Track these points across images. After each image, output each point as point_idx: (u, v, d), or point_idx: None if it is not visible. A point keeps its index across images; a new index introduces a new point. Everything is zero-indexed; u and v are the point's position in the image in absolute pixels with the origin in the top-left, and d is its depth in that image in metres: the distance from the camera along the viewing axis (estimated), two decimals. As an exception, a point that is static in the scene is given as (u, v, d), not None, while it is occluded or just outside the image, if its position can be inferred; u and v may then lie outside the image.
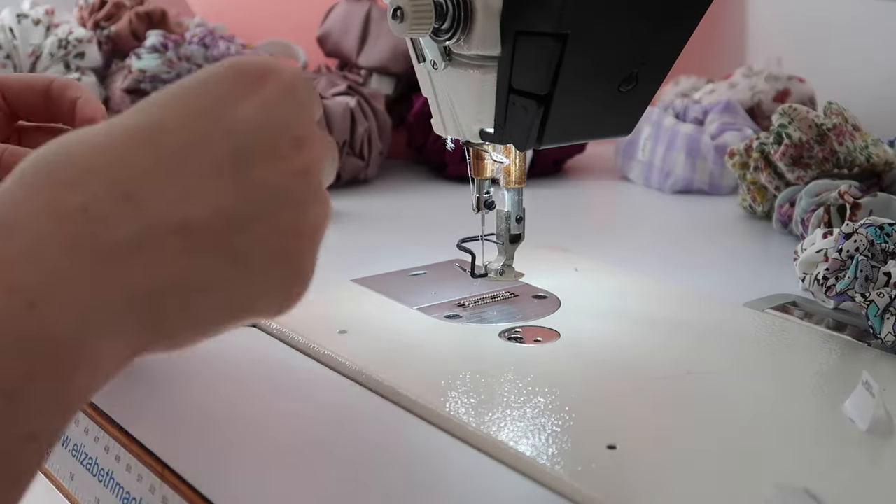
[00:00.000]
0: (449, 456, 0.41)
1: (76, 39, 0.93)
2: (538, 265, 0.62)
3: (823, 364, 0.50)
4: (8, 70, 0.90)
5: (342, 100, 0.90)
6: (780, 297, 0.60)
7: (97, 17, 1.02)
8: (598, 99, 0.50)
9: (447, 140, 0.56)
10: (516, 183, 0.56)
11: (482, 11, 0.48)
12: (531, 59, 0.47)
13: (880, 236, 0.53)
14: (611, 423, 0.42)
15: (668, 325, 0.54)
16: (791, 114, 0.75)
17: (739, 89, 1.02)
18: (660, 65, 0.51)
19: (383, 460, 0.40)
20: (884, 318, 0.50)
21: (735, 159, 0.82)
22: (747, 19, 1.25)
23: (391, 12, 0.49)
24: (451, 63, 0.51)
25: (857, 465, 0.40)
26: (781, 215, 0.76)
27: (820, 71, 1.07)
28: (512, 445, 0.40)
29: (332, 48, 1.06)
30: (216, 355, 0.47)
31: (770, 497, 0.36)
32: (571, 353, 0.50)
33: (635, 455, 0.39)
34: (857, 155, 0.73)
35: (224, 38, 1.01)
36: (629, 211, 0.92)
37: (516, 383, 0.46)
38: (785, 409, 0.44)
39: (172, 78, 0.93)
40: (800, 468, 0.39)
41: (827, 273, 0.55)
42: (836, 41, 1.13)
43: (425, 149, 0.97)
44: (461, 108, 0.52)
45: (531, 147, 0.50)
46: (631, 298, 0.59)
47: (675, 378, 0.47)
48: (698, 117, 0.96)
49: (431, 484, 0.39)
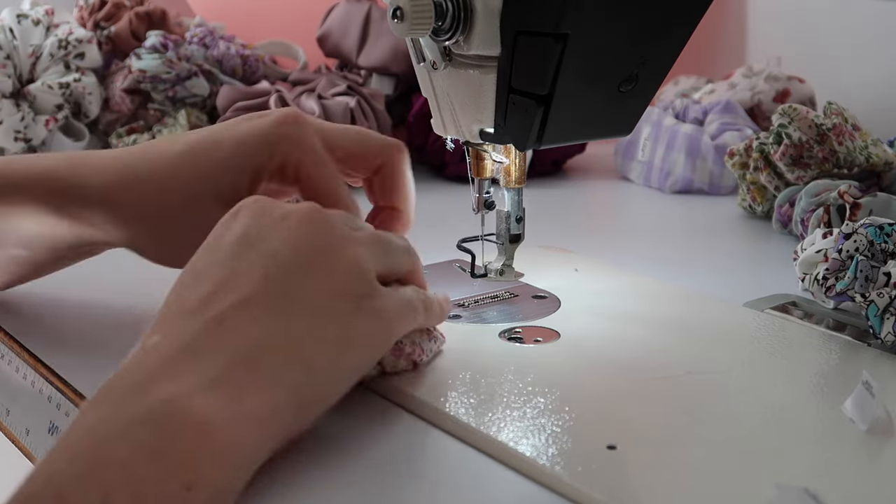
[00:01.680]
0: (448, 456, 0.41)
1: (76, 40, 0.93)
2: (538, 265, 0.62)
3: (823, 364, 0.50)
4: (8, 70, 0.90)
5: (342, 100, 0.90)
6: (780, 297, 0.60)
7: (97, 17, 1.02)
8: (598, 99, 0.50)
9: (447, 140, 0.56)
10: (516, 183, 0.56)
11: (482, 11, 0.48)
12: (531, 59, 0.47)
13: (880, 236, 0.53)
14: (611, 423, 0.42)
15: (668, 325, 0.54)
16: (791, 114, 0.75)
17: (739, 89, 1.02)
18: (660, 65, 0.51)
19: (382, 460, 0.40)
20: (884, 318, 0.50)
21: (735, 159, 0.82)
22: (747, 19, 1.25)
23: (391, 12, 0.49)
24: (451, 63, 0.51)
25: (857, 465, 0.40)
26: (781, 215, 0.76)
27: (820, 71, 1.07)
28: (512, 445, 0.40)
29: (332, 48, 1.06)
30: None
31: (770, 497, 0.36)
32: (571, 353, 0.50)
33: (635, 455, 0.39)
34: (856, 155, 0.73)
35: (224, 38, 1.01)
36: (629, 211, 0.92)
37: (516, 383, 0.46)
38: (785, 409, 0.44)
39: (172, 78, 0.93)
40: (800, 468, 0.39)
41: (827, 273, 0.55)
42: (836, 41, 1.13)
43: (425, 149, 0.97)
44: (461, 109, 0.52)
45: (531, 147, 0.50)
46: (631, 298, 0.59)
47: (675, 378, 0.47)
48: (698, 117, 0.96)
49: (431, 484, 0.39)
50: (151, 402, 0.33)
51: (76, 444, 0.32)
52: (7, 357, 0.52)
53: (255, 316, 0.37)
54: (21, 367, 0.51)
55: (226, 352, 0.36)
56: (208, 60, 0.98)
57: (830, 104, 0.76)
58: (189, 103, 0.95)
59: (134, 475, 0.31)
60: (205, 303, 0.38)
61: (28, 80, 0.92)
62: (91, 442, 0.32)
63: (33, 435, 0.49)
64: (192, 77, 0.95)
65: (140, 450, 0.32)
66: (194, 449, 0.33)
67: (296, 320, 0.38)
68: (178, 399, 0.34)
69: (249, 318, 0.37)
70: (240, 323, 0.37)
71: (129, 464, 0.31)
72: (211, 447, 0.33)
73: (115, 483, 0.30)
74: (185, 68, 0.94)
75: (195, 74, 0.95)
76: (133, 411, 0.33)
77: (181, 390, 0.34)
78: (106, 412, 0.33)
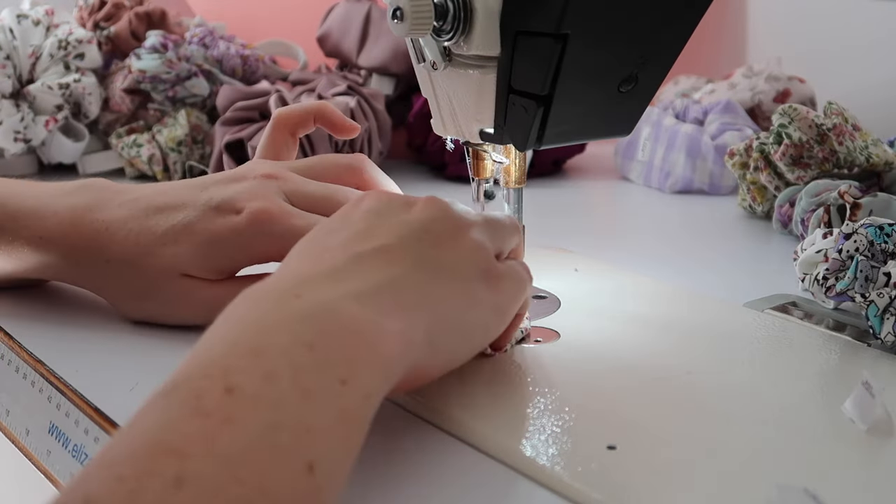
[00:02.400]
0: (448, 456, 0.41)
1: (76, 40, 0.93)
2: (538, 265, 0.61)
3: (823, 364, 0.50)
4: (7, 70, 0.90)
5: (342, 100, 0.90)
6: (780, 297, 0.60)
7: (97, 17, 1.02)
8: (598, 99, 0.50)
9: (447, 140, 0.56)
10: (516, 183, 0.56)
11: (482, 11, 0.48)
12: (531, 59, 0.47)
13: (880, 236, 0.53)
14: (611, 423, 0.42)
15: (668, 325, 0.54)
16: (791, 114, 0.75)
17: (739, 89, 1.02)
18: (660, 65, 0.51)
19: (381, 460, 0.40)
20: (884, 318, 0.50)
21: (735, 159, 0.82)
22: (747, 19, 1.25)
23: (391, 12, 0.49)
24: (451, 63, 0.51)
25: (857, 465, 0.40)
26: (781, 215, 0.76)
27: (820, 71, 1.07)
28: (512, 445, 0.40)
29: (332, 48, 1.06)
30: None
31: (770, 497, 0.36)
32: (571, 353, 0.50)
33: (635, 455, 0.39)
34: (856, 155, 0.73)
35: (224, 38, 1.01)
36: (629, 211, 0.92)
37: (516, 383, 0.46)
38: (785, 409, 0.44)
39: (172, 78, 0.93)
40: (800, 468, 0.39)
41: (827, 273, 0.55)
42: (836, 41, 1.13)
43: (425, 149, 0.97)
44: (461, 109, 0.52)
45: (531, 147, 0.50)
46: (631, 298, 0.59)
47: (675, 378, 0.47)
48: (698, 117, 0.96)
49: (430, 483, 0.39)
50: (307, 304, 0.35)
51: (236, 334, 0.34)
52: (7, 357, 0.52)
53: (392, 260, 0.40)
54: (21, 367, 0.51)
55: (368, 278, 0.38)
56: (208, 60, 0.98)
57: (830, 104, 0.76)
58: (189, 103, 0.95)
59: (294, 361, 0.32)
60: (344, 244, 0.40)
61: (28, 80, 0.92)
62: (252, 331, 0.34)
63: (33, 435, 0.49)
64: (192, 77, 0.95)
65: (299, 340, 0.33)
66: (348, 348, 0.34)
67: (427, 274, 0.40)
68: (332, 302, 0.36)
69: (387, 261, 0.40)
70: (378, 262, 0.39)
71: (289, 351, 0.33)
72: (363, 350, 0.35)
73: (277, 365, 0.32)
74: (184, 68, 0.94)
75: (195, 74, 0.95)
76: (290, 310, 0.35)
77: (333, 297, 0.36)
78: (263, 310, 0.35)
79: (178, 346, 0.51)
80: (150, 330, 0.53)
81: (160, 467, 0.27)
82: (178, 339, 0.52)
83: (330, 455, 0.31)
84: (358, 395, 0.33)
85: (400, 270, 0.39)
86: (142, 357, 0.50)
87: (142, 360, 0.50)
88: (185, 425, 0.29)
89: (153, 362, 0.49)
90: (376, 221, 0.42)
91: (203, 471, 0.28)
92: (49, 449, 0.48)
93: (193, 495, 0.27)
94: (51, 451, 0.48)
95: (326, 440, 0.31)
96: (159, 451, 0.28)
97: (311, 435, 0.31)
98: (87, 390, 0.46)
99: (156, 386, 0.32)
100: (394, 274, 0.39)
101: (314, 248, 0.41)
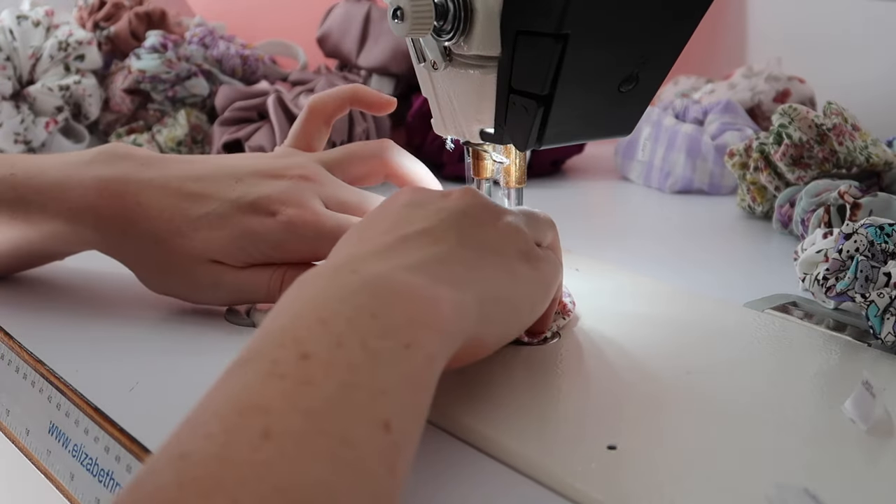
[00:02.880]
0: (448, 456, 0.41)
1: (76, 41, 0.93)
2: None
3: (823, 364, 0.50)
4: (8, 72, 0.90)
5: (342, 100, 0.90)
6: (780, 297, 0.60)
7: (97, 17, 1.02)
8: (598, 99, 0.50)
9: (447, 140, 0.56)
10: (516, 183, 0.56)
11: (482, 11, 0.48)
12: (531, 59, 0.47)
13: (880, 236, 0.53)
14: (611, 423, 0.42)
15: (668, 325, 0.54)
16: (791, 114, 0.75)
17: (739, 89, 1.02)
18: (660, 65, 0.51)
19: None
20: (884, 319, 0.50)
21: (735, 159, 0.82)
22: (747, 19, 1.25)
23: (391, 12, 0.49)
24: (451, 63, 0.51)
25: (857, 465, 0.40)
26: (781, 215, 0.76)
27: (820, 71, 1.07)
28: (512, 445, 0.40)
29: (332, 48, 1.06)
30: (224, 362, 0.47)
31: (770, 497, 0.36)
32: (572, 352, 0.50)
33: (635, 455, 0.39)
34: (856, 155, 0.73)
35: (224, 38, 1.01)
36: (629, 211, 0.92)
37: (516, 383, 0.46)
38: (785, 409, 0.44)
39: (172, 78, 0.93)
40: (800, 468, 0.39)
41: (827, 273, 0.55)
42: (836, 41, 1.13)
43: (423, 148, 0.97)
44: (461, 109, 0.52)
45: (531, 147, 0.50)
46: (630, 298, 0.59)
47: (674, 378, 0.47)
48: (698, 117, 0.96)
49: (430, 483, 0.39)
50: (363, 276, 0.37)
51: (300, 308, 0.35)
52: (7, 357, 0.52)
53: (437, 240, 0.41)
54: (21, 367, 0.51)
55: (416, 255, 0.40)
56: (208, 60, 0.98)
57: (830, 104, 0.76)
58: (189, 103, 0.95)
59: (360, 328, 0.34)
60: (388, 230, 0.42)
61: (28, 81, 0.92)
62: (316, 305, 0.35)
63: (33, 435, 0.49)
64: (192, 77, 0.95)
65: (362, 310, 0.35)
66: (408, 313, 0.36)
67: (471, 251, 0.42)
68: (387, 273, 0.37)
69: (432, 240, 0.41)
70: (424, 242, 0.41)
71: (354, 319, 0.34)
72: (422, 314, 0.36)
73: (345, 332, 0.33)
74: (184, 68, 0.94)
75: (195, 74, 0.95)
76: (348, 283, 0.36)
77: (387, 269, 0.38)
78: (321, 287, 0.36)
79: (178, 347, 0.51)
80: (151, 330, 0.53)
81: (247, 422, 0.29)
82: (178, 340, 0.52)
83: (403, 415, 0.32)
84: (421, 358, 0.34)
85: (446, 247, 0.41)
86: (142, 357, 0.50)
87: (142, 360, 0.50)
88: (265, 388, 0.30)
89: (153, 362, 0.49)
90: (416, 210, 0.44)
91: (288, 424, 0.29)
92: (49, 449, 0.48)
93: (281, 446, 0.28)
94: (51, 451, 0.48)
95: (398, 401, 0.32)
96: (244, 408, 0.29)
97: (385, 396, 0.32)
98: (87, 390, 0.46)
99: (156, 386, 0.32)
100: (440, 251, 0.41)
101: (360, 235, 0.43)
